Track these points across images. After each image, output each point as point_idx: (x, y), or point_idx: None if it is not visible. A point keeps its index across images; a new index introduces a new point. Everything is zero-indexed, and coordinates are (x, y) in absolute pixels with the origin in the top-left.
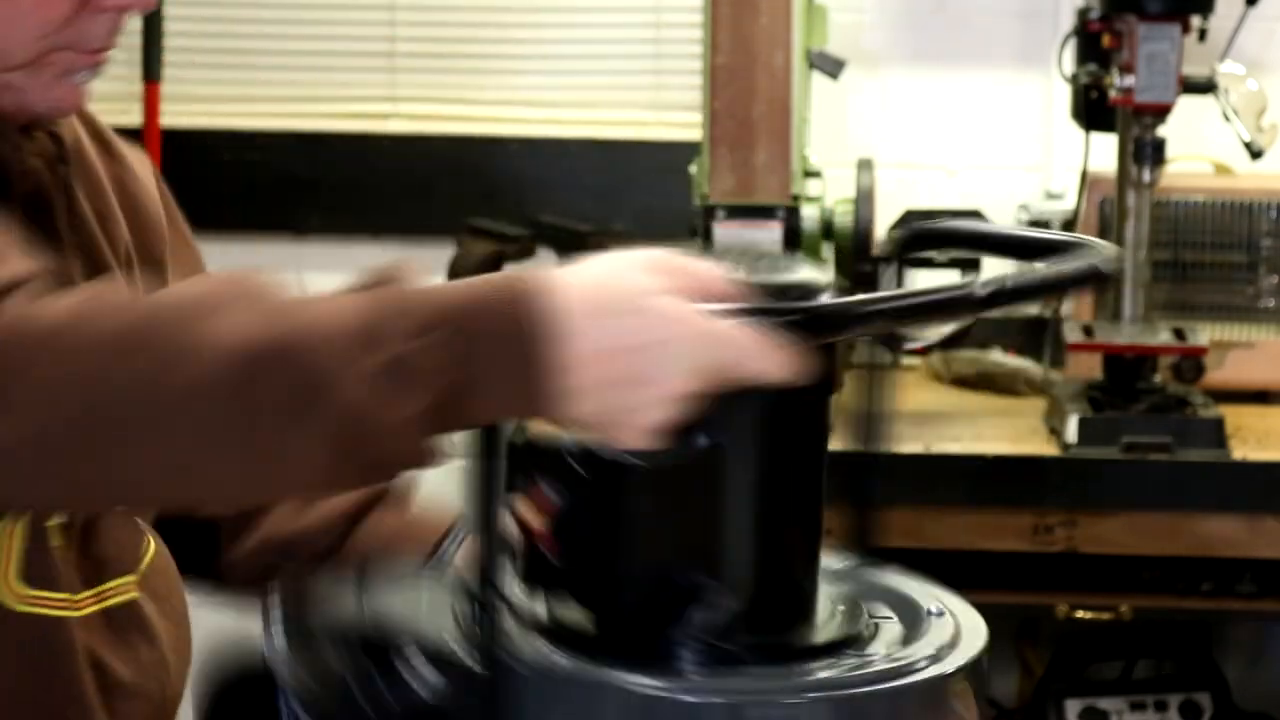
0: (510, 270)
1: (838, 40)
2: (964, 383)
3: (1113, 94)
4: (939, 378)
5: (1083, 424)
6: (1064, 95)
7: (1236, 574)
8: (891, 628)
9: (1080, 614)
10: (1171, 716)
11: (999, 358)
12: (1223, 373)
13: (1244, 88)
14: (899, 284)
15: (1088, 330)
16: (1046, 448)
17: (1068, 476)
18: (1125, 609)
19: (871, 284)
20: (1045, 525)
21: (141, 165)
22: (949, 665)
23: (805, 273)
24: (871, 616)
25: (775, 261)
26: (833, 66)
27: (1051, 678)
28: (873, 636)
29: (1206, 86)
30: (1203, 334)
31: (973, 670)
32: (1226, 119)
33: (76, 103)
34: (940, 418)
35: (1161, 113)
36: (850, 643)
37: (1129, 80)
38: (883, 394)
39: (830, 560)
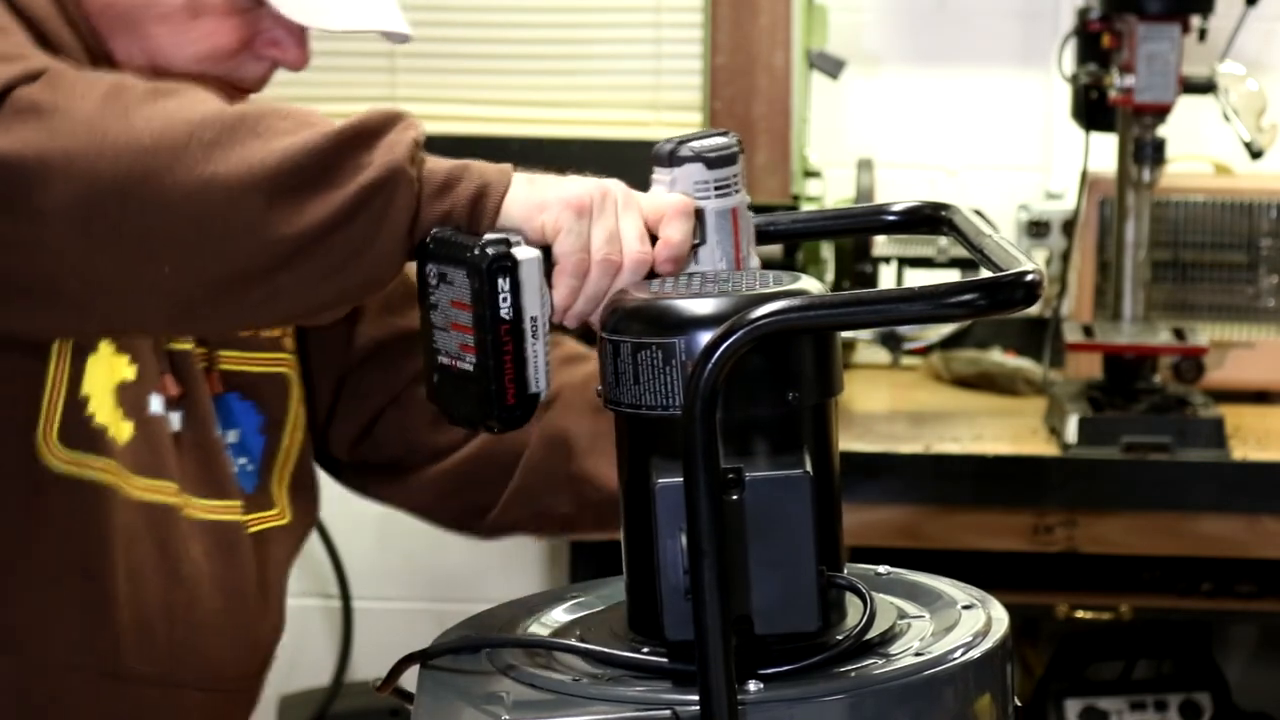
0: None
1: (838, 40)
2: (964, 383)
3: (1113, 94)
4: (939, 378)
5: (1083, 424)
6: (1064, 95)
7: (1236, 574)
8: (923, 624)
9: (1080, 614)
10: (1171, 716)
11: (999, 358)
12: (1223, 373)
13: (1244, 88)
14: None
15: (1088, 330)
16: (1046, 448)
17: (1068, 476)
18: (1125, 609)
19: (871, 284)
20: (1045, 525)
21: None
22: (977, 652)
23: None
24: (903, 616)
25: None
26: (833, 66)
27: (1051, 678)
28: (903, 633)
29: (1206, 86)
30: (1203, 334)
31: (1002, 657)
32: (1226, 119)
33: None
34: (940, 418)
35: (1161, 113)
36: (881, 641)
37: (1129, 80)
38: None
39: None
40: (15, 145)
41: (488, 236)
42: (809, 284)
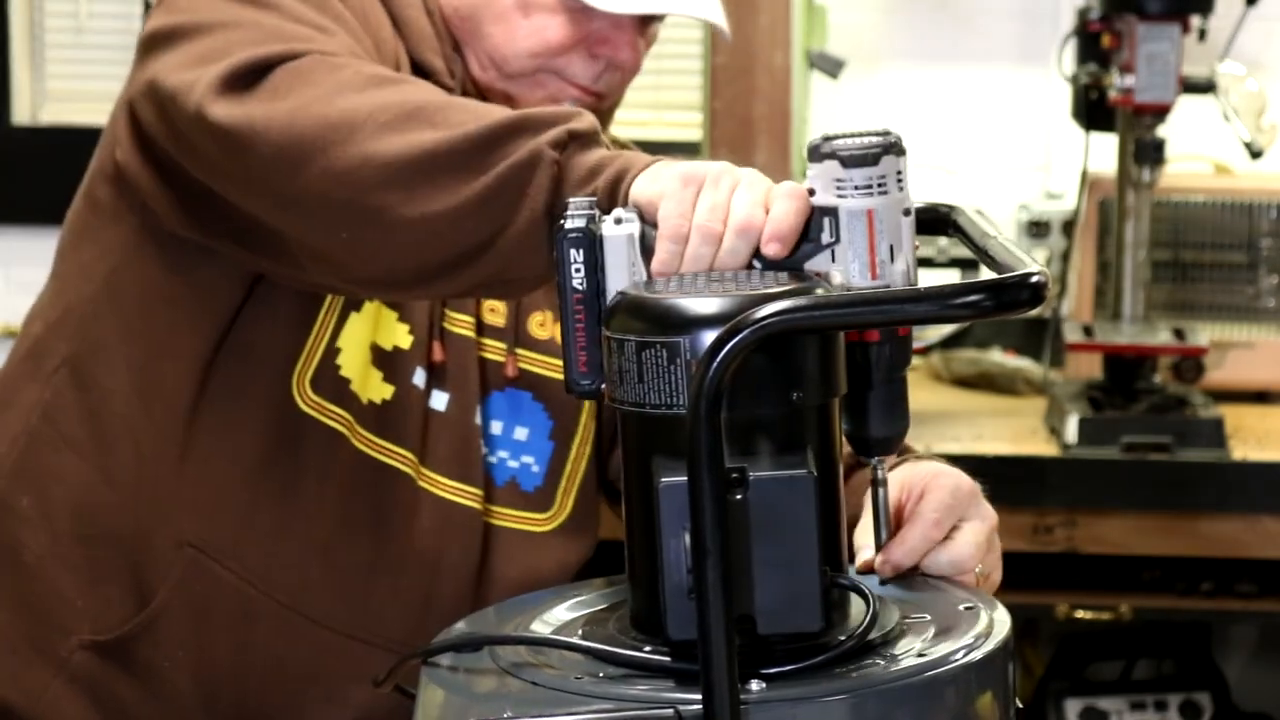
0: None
1: (838, 40)
2: (964, 383)
3: (1113, 94)
4: (939, 378)
5: (1083, 424)
6: (1064, 95)
7: (1236, 574)
8: (925, 626)
9: (1080, 614)
10: (1171, 716)
11: (999, 358)
12: (1223, 373)
13: (1244, 88)
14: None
15: (1088, 330)
16: (1046, 448)
17: (1068, 476)
18: (1125, 609)
19: None
20: (1045, 525)
21: None
22: (979, 653)
23: None
24: (906, 616)
25: None
26: (833, 66)
27: (1051, 678)
28: (905, 634)
29: (1206, 86)
30: (1203, 334)
31: (1004, 658)
32: (1226, 119)
33: None
34: (940, 418)
35: (1161, 113)
36: (883, 641)
37: (1129, 80)
38: None
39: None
40: (239, 113)
41: (577, 209)
42: (814, 284)
